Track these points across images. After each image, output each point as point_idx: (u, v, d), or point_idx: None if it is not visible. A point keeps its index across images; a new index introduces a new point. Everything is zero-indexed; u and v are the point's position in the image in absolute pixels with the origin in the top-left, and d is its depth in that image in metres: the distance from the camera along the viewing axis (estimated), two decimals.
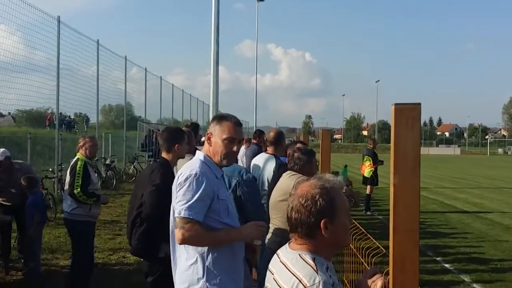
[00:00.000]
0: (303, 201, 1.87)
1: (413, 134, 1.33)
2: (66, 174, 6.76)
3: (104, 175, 16.86)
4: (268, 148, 6.20)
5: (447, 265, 8.32)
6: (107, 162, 17.98)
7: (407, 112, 1.34)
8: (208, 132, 3.01)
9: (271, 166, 5.81)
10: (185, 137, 4.27)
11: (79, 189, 5.76)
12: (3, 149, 7.50)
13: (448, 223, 12.47)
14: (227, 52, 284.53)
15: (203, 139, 20.39)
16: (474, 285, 7.32)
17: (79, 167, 5.84)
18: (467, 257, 8.89)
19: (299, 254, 1.89)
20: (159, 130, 24.41)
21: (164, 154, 4.17)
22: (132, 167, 20.52)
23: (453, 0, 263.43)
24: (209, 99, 15.42)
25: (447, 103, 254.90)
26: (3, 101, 12.49)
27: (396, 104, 1.35)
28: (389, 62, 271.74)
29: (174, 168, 4.37)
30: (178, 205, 2.76)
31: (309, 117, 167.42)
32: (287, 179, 4.56)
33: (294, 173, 4.63)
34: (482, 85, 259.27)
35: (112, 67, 20.88)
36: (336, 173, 4.61)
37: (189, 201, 2.74)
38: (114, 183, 17.06)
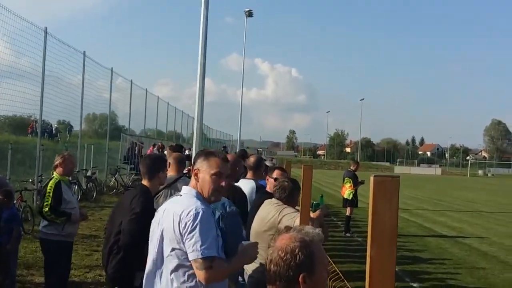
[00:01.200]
0: (283, 254, 1.88)
1: (391, 207, 1.35)
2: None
3: (84, 187, 16.69)
4: (248, 173, 6.37)
5: None
6: (88, 174, 17.81)
7: (386, 184, 1.36)
8: (195, 168, 3.00)
9: (251, 190, 5.94)
10: (166, 164, 4.27)
11: (47, 209, 5.69)
12: None
13: (426, 247, 12.55)
14: (214, 65, 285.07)
15: (187, 152, 20.16)
16: None
17: (50, 187, 5.79)
18: (444, 284, 8.97)
19: None
20: (142, 143, 24.32)
21: (145, 182, 4.16)
22: (113, 179, 20.35)
23: (439, 21, 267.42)
24: (194, 111, 15.52)
25: (430, 123, 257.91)
26: None
27: (375, 176, 1.37)
28: (374, 81, 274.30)
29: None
30: (197, 246, 2.71)
31: (293, 132, 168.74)
32: (271, 209, 4.59)
33: (277, 201, 4.68)
34: (465, 106, 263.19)
35: (98, 77, 20.84)
36: (317, 205, 4.63)
37: (206, 240, 2.73)
38: (94, 195, 16.89)
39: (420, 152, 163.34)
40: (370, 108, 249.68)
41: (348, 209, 13.80)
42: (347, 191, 13.90)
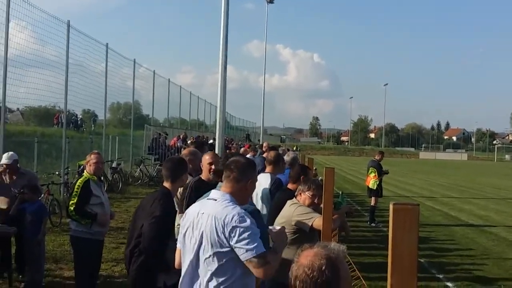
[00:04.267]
0: (309, 271, 1.88)
1: (411, 237, 1.33)
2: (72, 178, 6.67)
3: (110, 178, 16.89)
4: (266, 167, 6.34)
5: (450, 284, 8.27)
6: (114, 165, 18.00)
7: (405, 213, 1.34)
8: (249, 178, 3.14)
9: (266, 184, 5.93)
10: (187, 166, 4.28)
11: (72, 208, 5.71)
12: (12, 152, 7.59)
13: (453, 237, 12.39)
14: (236, 51, 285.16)
15: (210, 141, 20.38)
16: None
17: (78, 186, 5.78)
18: (471, 276, 8.85)
19: None
20: (166, 134, 24.46)
21: (167, 184, 4.13)
22: (138, 170, 20.53)
23: (463, 6, 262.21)
24: (217, 100, 15.65)
25: (455, 107, 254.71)
26: (14, 95, 12.05)
27: (394, 204, 1.35)
28: (397, 66, 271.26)
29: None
30: (249, 247, 2.84)
31: (316, 118, 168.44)
32: (290, 209, 4.61)
33: (296, 201, 4.68)
34: (491, 90, 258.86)
35: (121, 65, 20.95)
36: (338, 203, 4.64)
37: (255, 239, 2.86)
38: (120, 186, 17.07)
39: (445, 137, 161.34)
40: (394, 93, 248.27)
41: (373, 199, 13.73)
42: (371, 181, 13.82)
